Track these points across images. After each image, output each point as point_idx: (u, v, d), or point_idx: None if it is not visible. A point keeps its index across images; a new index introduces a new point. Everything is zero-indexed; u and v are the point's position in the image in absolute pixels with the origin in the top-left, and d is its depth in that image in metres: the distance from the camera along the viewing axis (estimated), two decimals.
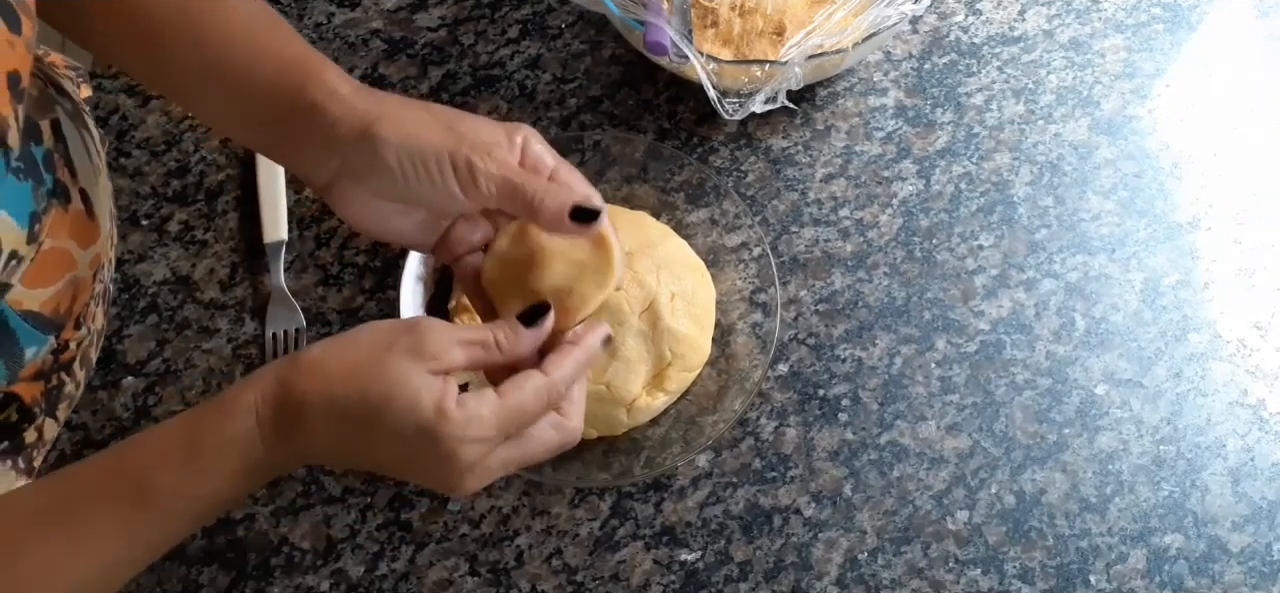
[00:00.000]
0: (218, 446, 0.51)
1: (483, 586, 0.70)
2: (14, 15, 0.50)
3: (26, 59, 0.52)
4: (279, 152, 0.60)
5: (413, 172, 0.55)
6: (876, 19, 0.79)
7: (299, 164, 0.59)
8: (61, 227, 0.62)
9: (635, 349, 0.71)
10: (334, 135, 0.55)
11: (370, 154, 0.55)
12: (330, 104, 0.56)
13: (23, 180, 0.57)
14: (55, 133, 0.63)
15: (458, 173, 0.55)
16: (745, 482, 0.73)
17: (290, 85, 0.56)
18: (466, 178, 0.55)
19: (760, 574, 0.70)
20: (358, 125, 0.55)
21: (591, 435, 0.72)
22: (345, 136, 0.55)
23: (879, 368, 0.76)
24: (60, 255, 0.62)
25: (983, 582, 0.70)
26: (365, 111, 0.55)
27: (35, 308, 0.60)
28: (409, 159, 0.55)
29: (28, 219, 0.57)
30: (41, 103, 0.64)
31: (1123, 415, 0.74)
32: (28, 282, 0.59)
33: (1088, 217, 0.81)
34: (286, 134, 0.57)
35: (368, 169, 0.56)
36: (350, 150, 0.56)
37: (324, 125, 0.56)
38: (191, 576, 0.70)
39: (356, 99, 0.56)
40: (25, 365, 0.61)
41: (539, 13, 0.90)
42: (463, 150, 0.55)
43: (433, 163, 0.55)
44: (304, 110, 0.56)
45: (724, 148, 0.84)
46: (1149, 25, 0.89)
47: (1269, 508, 0.72)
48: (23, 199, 0.57)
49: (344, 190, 0.57)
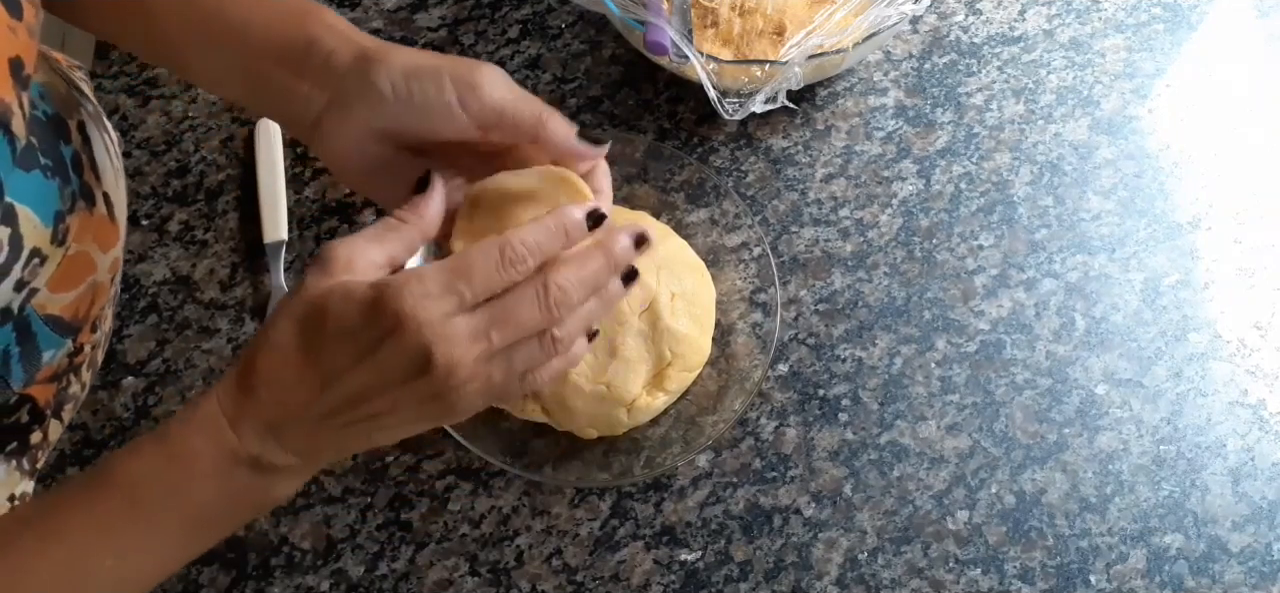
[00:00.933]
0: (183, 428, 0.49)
1: (483, 586, 0.70)
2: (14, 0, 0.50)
3: (30, 45, 0.52)
4: (271, 95, 0.58)
5: (406, 90, 0.54)
6: (876, 19, 0.79)
7: (290, 103, 0.57)
8: (86, 230, 0.62)
9: (635, 349, 0.71)
10: (329, 65, 0.55)
11: (363, 79, 0.54)
12: (327, 36, 0.55)
13: (50, 178, 0.57)
14: (82, 134, 0.63)
15: (457, 85, 0.54)
16: (745, 482, 0.73)
17: (288, 24, 0.56)
18: (466, 89, 0.54)
19: (760, 574, 0.70)
20: (354, 52, 0.55)
21: (591, 435, 0.72)
22: (340, 65, 0.55)
23: (879, 368, 0.76)
24: (83, 259, 0.62)
25: (983, 582, 0.70)
26: (362, 42, 0.55)
27: (56, 312, 0.60)
28: (404, 79, 0.54)
29: (53, 218, 0.57)
30: (68, 102, 0.63)
31: (1123, 415, 0.74)
32: (52, 286, 0.59)
33: (1088, 216, 0.81)
34: (281, 74, 0.56)
35: (359, 94, 0.54)
36: (344, 78, 0.55)
37: (320, 57, 0.55)
38: (191, 576, 0.70)
39: (354, 34, 0.56)
40: (42, 368, 0.61)
41: (539, 13, 0.90)
42: (461, 66, 0.55)
43: (430, 79, 0.54)
44: (301, 46, 0.55)
45: (724, 148, 0.84)
46: (1149, 25, 0.89)
47: (1269, 508, 0.72)
48: (48, 197, 0.57)
49: (331, 125, 0.56)
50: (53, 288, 0.59)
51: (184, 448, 0.49)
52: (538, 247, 0.50)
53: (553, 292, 0.50)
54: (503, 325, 0.49)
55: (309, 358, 0.49)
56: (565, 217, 0.51)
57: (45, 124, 0.59)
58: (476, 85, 0.54)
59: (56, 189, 0.57)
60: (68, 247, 0.59)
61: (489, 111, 0.55)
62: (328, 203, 0.82)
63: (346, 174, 0.58)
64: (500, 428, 0.72)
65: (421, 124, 0.55)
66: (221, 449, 0.49)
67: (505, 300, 0.49)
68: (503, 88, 0.55)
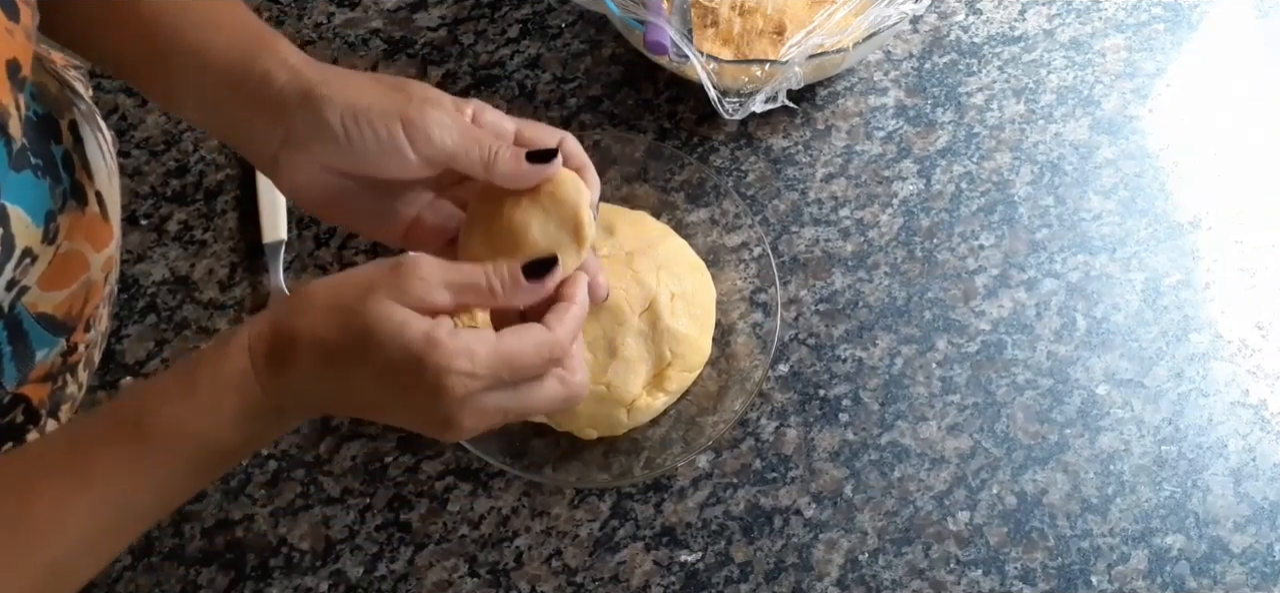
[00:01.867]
0: (213, 380, 0.50)
1: (483, 586, 0.70)
2: (10, 2, 0.50)
3: (27, 47, 0.52)
4: (227, 126, 0.58)
5: (356, 132, 0.53)
6: (877, 19, 0.79)
7: (246, 138, 0.57)
8: (78, 229, 0.62)
9: (635, 349, 0.71)
10: (280, 101, 0.55)
11: (313, 116, 0.54)
12: (279, 72, 0.55)
13: (41, 178, 0.57)
14: (73, 134, 0.63)
15: (406, 128, 0.53)
16: (745, 482, 0.73)
17: (244, 55, 0.56)
18: (417, 131, 0.54)
19: (760, 575, 0.70)
20: (301, 89, 0.54)
21: (591, 436, 0.72)
22: (289, 101, 0.54)
23: (880, 368, 0.76)
24: (75, 258, 0.62)
25: (984, 583, 0.70)
26: (309, 77, 0.55)
27: (48, 310, 0.60)
28: (353, 117, 0.53)
29: (44, 217, 0.56)
30: (60, 102, 0.63)
31: (1124, 416, 0.74)
32: (44, 284, 0.59)
33: (1088, 216, 0.81)
34: (236, 106, 0.56)
35: (311, 133, 0.54)
36: (294, 115, 0.54)
37: (272, 94, 0.55)
38: (191, 576, 0.70)
39: (304, 67, 0.55)
40: (35, 367, 0.61)
41: (539, 12, 0.90)
42: (411, 107, 0.54)
43: (378, 120, 0.53)
44: (254, 80, 0.55)
45: (724, 147, 0.84)
46: (1149, 25, 0.89)
47: (1271, 509, 0.71)
48: (40, 196, 0.56)
49: (288, 161, 0.55)
50: (44, 286, 0.59)
51: (211, 393, 0.50)
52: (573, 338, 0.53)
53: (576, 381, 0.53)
54: (522, 409, 0.52)
55: (342, 370, 0.50)
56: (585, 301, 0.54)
57: (36, 124, 0.59)
58: (427, 130, 0.54)
59: (47, 188, 0.57)
60: (59, 245, 0.59)
61: (439, 155, 0.54)
62: None
63: (308, 207, 0.58)
64: (500, 428, 0.72)
65: (371, 164, 0.55)
66: (250, 403, 0.51)
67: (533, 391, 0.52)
68: (452, 132, 0.54)
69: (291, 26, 0.89)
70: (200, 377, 0.50)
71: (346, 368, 0.50)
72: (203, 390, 0.50)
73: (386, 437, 0.74)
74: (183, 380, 0.51)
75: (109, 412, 0.52)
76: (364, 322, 0.49)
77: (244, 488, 0.72)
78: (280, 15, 0.90)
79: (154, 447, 0.50)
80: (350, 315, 0.50)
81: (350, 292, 0.50)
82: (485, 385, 0.50)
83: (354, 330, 0.49)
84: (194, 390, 0.50)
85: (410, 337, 0.49)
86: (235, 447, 0.52)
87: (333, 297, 0.51)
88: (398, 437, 0.74)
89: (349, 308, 0.50)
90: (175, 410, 0.50)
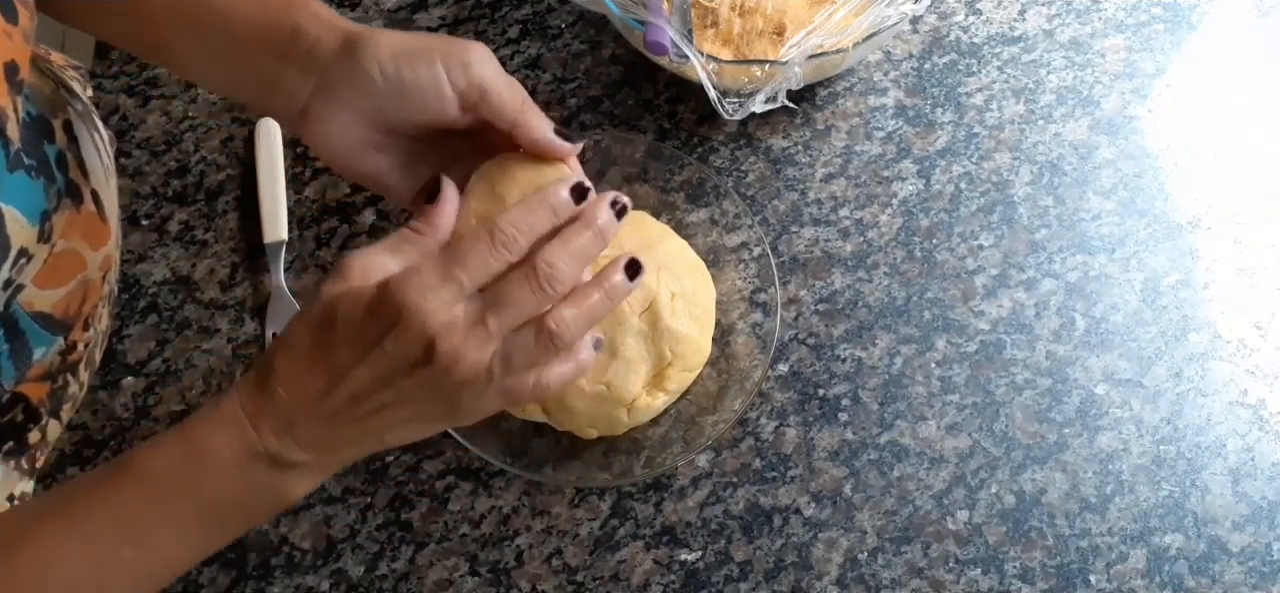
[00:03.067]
0: (205, 425, 0.51)
1: (483, 586, 0.70)
2: (9, 5, 0.50)
3: (25, 50, 0.52)
4: (256, 83, 0.58)
5: (395, 72, 0.54)
6: (876, 19, 0.79)
7: (275, 94, 0.57)
8: (74, 228, 0.62)
9: (635, 349, 0.71)
10: (314, 52, 0.55)
11: (350, 64, 0.54)
12: (312, 24, 0.55)
13: (35, 178, 0.57)
14: (68, 133, 0.63)
15: (445, 60, 0.54)
16: (745, 482, 0.73)
17: (273, 12, 0.56)
18: (455, 62, 0.54)
19: (760, 574, 0.70)
20: (340, 38, 0.55)
21: (591, 435, 0.72)
22: (325, 52, 0.55)
23: (879, 368, 0.76)
24: (72, 257, 0.62)
25: (983, 582, 0.70)
26: (347, 28, 0.55)
27: (46, 309, 0.60)
28: (392, 58, 0.54)
29: (39, 217, 0.57)
30: (54, 102, 0.63)
31: (1123, 415, 0.74)
32: (39, 283, 0.59)
33: (1088, 216, 0.81)
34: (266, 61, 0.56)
35: (346, 79, 0.55)
36: (329, 66, 0.55)
37: (305, 45, 0.55)
38: (191, 576, 0.70)
39: (339, 20, 0.56)
40: (33, 366, 0.61)
41: (539, 13, 0.90)
42: (453, 45, 0.55)
43: (420, 57, 0.54)
44: (286, 33, 0.55)
45: (724, 148, 0.84)
46: (1149, 25, 0.89)
47: (1269, 508, 0.72)
48: (34, 197, 0.57)
49: (319, 110, 0.56)
50: (40, 285, 0.59)
51: (205, 445, 0.50)
52: (527, 227, 0.51)
53: (542, 269, 0.51)
54: (498, 309, 0.50)
55: (320, 356, 0.50)
56: (550, 195, 0.53)
57: (30, 124, 0.59)
58: (466, 61, 0.55)
59: (42, 189, 0.57)
60: (54, 245, 0.59)
61: (474, 87, 0.55)
62: (328, 203, 0.82)
63: (335, 160, 0.58)
64: (500, 428, 0.72)
65: (408, 106, 0.55)
66: (241, 446, 0.50)
67: (499, 285, 0.51)
68: (491, 65, 0.55)
69: None
70: (194, 425, 0.51)
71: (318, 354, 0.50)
72: (195, 435, 0.51)
73: None
74: (178, 432, 0.51)
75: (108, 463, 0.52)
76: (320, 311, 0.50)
77: None
78: None
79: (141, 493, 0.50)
80: (308, 314, 0.51)
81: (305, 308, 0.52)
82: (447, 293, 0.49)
83: (318, 317, 0.50)
84: (186, 439, 0.51)
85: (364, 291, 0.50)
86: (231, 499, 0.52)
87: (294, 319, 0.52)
88: None
89: (306, 313, 0.51)
90: (168, 460, 0.50)
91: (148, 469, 0.50)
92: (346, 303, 0.50)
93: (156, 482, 0.50)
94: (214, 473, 0.51)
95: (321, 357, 0.50)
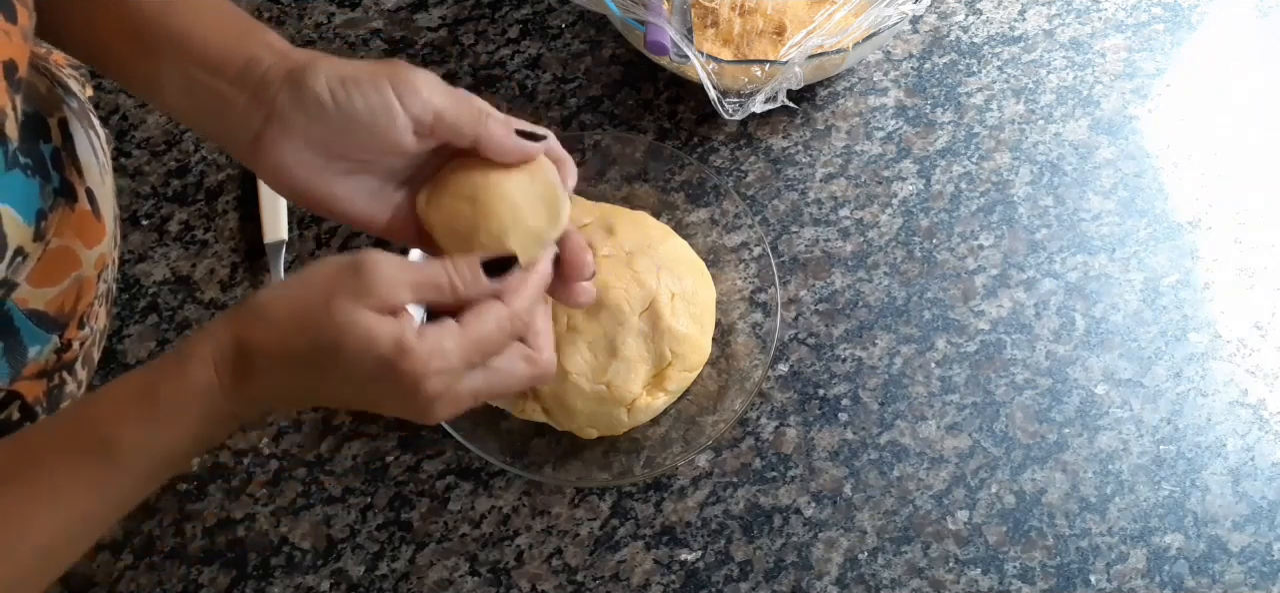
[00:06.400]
0: (176, 397, 0.51)
1: (483, 586, 0.70)
2: (9, 4, 0.50)
3: (24, 49, 0.52)
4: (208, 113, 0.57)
5: (344, 96, 0.53)
6: (877, 19, 0.79)
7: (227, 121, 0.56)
8: (67, 226, 0.62)
9: (635, 349, 0.71)
10: (265, 82, 0.55)
11: (298, 92, 0.54)
12: (265, 55, 0.55)
13: (31, 177, 0.57)
14: (62, 132, 0.63)
15: (396, 86, 0.54)
16: (745, 482, 0.73)
17: (228, 40, 0.56)
18: (406, 87, 0.54)
19: (760, 574, 0.70)
20: (289, 67, 0.55)
21: (592, 435, 0.72)
22: (275, 80, 0.54)
23: (879, 368, 0.76)
24: (66, 255, 0.62)
25: (983, 582, 0.70)
26: (297, 57, 0.55)
27: (40, 307, 0.60)
28: (340, 83, 0.53)
29: (34, 216, 0.57)
30: (49, 100, 0.63)
31: (1123, 415, 0.74)
32: (33, 281, 0.59)
33: (1088, 216, 0.81)
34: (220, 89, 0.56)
35: (296, 107, 0.54)
36: (278, 94, 0.54)
37: (256, 75, 0.55)
38: (191, 576, 0.70)
39: (291, 51, 0.56)
40: (29, 364, 0.61)
41: (539, 13, 0.90)
42: (400, 71, 0.54)
43: (367, 82, 0.54)
44: (240, 62, 0.55)
45: (724, 148, 0.84)
46: (1149, 25, 0.89)
47: (1269, 508, 0.72)
48: (30, 196, 0.57)
49: (270, 139, 0.55)
50: (34, 283, 0.59)
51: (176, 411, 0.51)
52: (535, 308, 0.55)
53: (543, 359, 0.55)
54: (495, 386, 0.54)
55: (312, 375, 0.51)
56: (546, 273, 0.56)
57: (25, 123, 0.59)
58: (416, 88, 0.54)
59: (37, 187, 0.57)
60: (48, 242, 0.59)
61: (428, 109, 0.54)
62: None
63: (291, 189, 0.57)
64: (500, 428, 0.72)
65: (360, 131, 0.54)
66: (212, 412, 0.51)
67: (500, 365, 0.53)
68: (441, 91, 0.55)
69: (292, 26, 0.90)
70: (162, 392, 0.51)
71: (316, 376, 0.51)
72: (165, 407, 0.51)
73: (387, 436, 0.74)
74: (143, 396, 0.51)
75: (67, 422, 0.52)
76: (331, 335, 0.49)
77: (246, 488, 0.72)
78: (280, 15, 0.90)
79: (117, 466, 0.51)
80: (317, 327, 0.50)
81: (312, 297, 0.50)
82: (460, 371, 0.51)
83: (323, 344, 0.50)
84: (156, 406, 0.51)
85: (381, 347, 0.49)
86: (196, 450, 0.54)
87: (295, 304, 0.51)
88: (399, 436, 0.74)
89: (313, 317, 0.50)
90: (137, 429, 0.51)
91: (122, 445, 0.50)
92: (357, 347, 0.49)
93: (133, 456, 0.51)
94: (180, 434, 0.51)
95: (313, 377, 0.51)
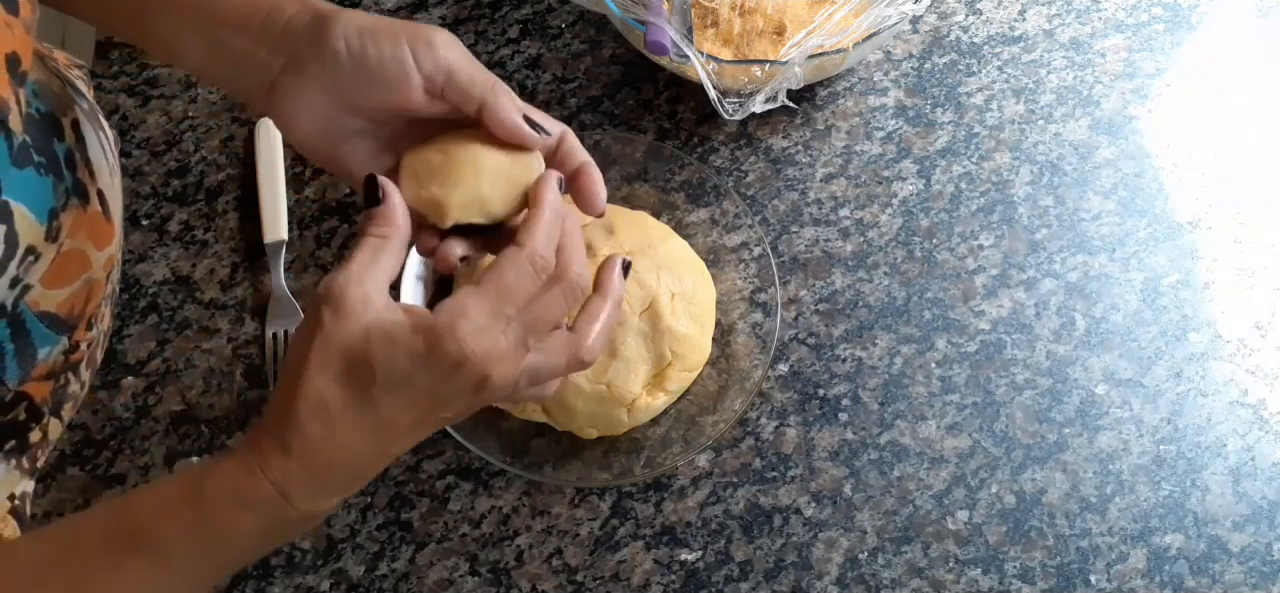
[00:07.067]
0: (218, 485, 0.49)
1: (483, 586, 0.70)
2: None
3: (26, 41, 0.52)
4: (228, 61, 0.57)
5: (360, 48, 0.53)
6: (877, 19, 0.79)
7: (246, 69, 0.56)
8: (80, 227, 0.62)
9: (635, 349, 0.71)
10: (287, 29, 0.55)
11: (317, 40, 0.54)
12: (288, 4, 0.55)
13: (44, 175, 0.57)
14: (76, 132, 0.63)
15: (412, 42, 0.54)
16: (745, 482, 0.73)
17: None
18: (421, 44, 0.54)
19: (760, 574, 0.70)
20: (311, 15, 0.55)
21: (592, 435, 0.72)
22: (295, 29, 0.55)
23: (879, 368, 0.76)
24: (77, 256, 0.62)
25: (983, 582, 0.70)
26: (321, 7, 0.55)
27: (51, 308, 0.60)
28: (358, 34, 0.54)
29: (47, 215, 0.57)
30: (63, 100, 0.63)
31: (1123, 415, 0.74)
32: (46, 282, 0.59)
33: (1088, 216, 0.81)
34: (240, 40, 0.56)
35: (313, 56, 0.54)
36: (299, 41, 0.55)
37: (278, 23, 0.55)
38: None
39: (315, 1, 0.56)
40: (38, 365, 0.61)
41: (539, 13, 0.90)
42: (420, 29, 0.55)
43: (385, 36, 0.54)
44: (262, 13, 0.55)
45: (724, 148, 0.84)
46: (1149, 25, 0.89)
47: (1269, 508, 0.72)
48: (42, 194, 0.57)
49: (286, 87, 0.55)
50: (47, 284, 0.59)
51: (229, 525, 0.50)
52: (554, 244, 0.53)
53: (576, 283, 0.53)
54: (537, 330, 0.53)
55: (362, 412, 0.49)
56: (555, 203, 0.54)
57: (39, 121, 0.59)
58: (432, 44, 0.54)
59: (50, 186, 0.57)
60: (61, 243, 0.59)
61: (440, 68, 0.55)
62: (328, 203, 0.82)
63: (302, 140, 0.57)
64: (500, 428, 0.72)
65: (373, 85, 0.55)
66: (272, 520, 0.50)
67: (536, 307, 0.52)
68: (457, 49, 0.55)
69: None
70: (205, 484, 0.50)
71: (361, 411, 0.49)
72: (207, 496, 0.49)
73: None
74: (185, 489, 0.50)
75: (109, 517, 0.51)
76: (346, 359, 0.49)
77: None
78: None
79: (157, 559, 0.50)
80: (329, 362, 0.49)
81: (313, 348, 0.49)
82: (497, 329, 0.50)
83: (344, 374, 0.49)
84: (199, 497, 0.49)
85: (398, 335, 0.49)
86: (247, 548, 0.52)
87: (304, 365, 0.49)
88: None
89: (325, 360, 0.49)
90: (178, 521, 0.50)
91: (156, 533, 0.49)
92: (382, 350, 0.49)
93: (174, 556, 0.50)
94: (236, 544, 0.50)
95: (364, 412, 0.49)
